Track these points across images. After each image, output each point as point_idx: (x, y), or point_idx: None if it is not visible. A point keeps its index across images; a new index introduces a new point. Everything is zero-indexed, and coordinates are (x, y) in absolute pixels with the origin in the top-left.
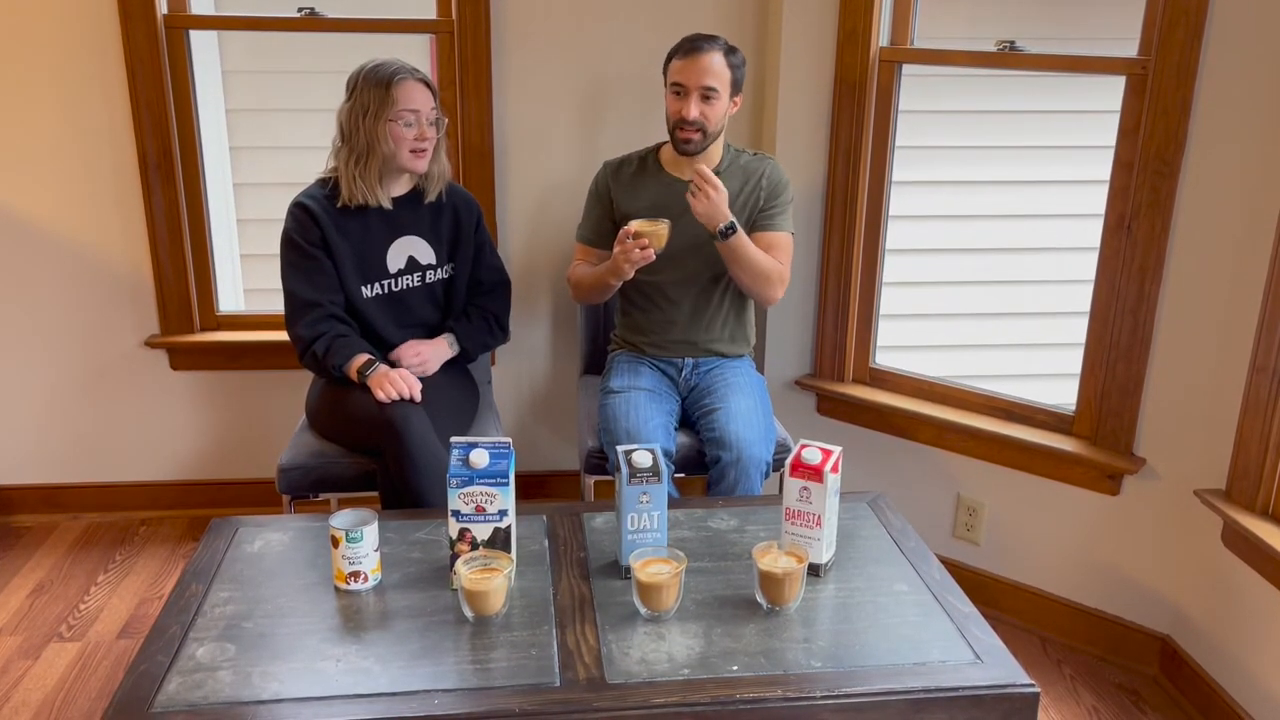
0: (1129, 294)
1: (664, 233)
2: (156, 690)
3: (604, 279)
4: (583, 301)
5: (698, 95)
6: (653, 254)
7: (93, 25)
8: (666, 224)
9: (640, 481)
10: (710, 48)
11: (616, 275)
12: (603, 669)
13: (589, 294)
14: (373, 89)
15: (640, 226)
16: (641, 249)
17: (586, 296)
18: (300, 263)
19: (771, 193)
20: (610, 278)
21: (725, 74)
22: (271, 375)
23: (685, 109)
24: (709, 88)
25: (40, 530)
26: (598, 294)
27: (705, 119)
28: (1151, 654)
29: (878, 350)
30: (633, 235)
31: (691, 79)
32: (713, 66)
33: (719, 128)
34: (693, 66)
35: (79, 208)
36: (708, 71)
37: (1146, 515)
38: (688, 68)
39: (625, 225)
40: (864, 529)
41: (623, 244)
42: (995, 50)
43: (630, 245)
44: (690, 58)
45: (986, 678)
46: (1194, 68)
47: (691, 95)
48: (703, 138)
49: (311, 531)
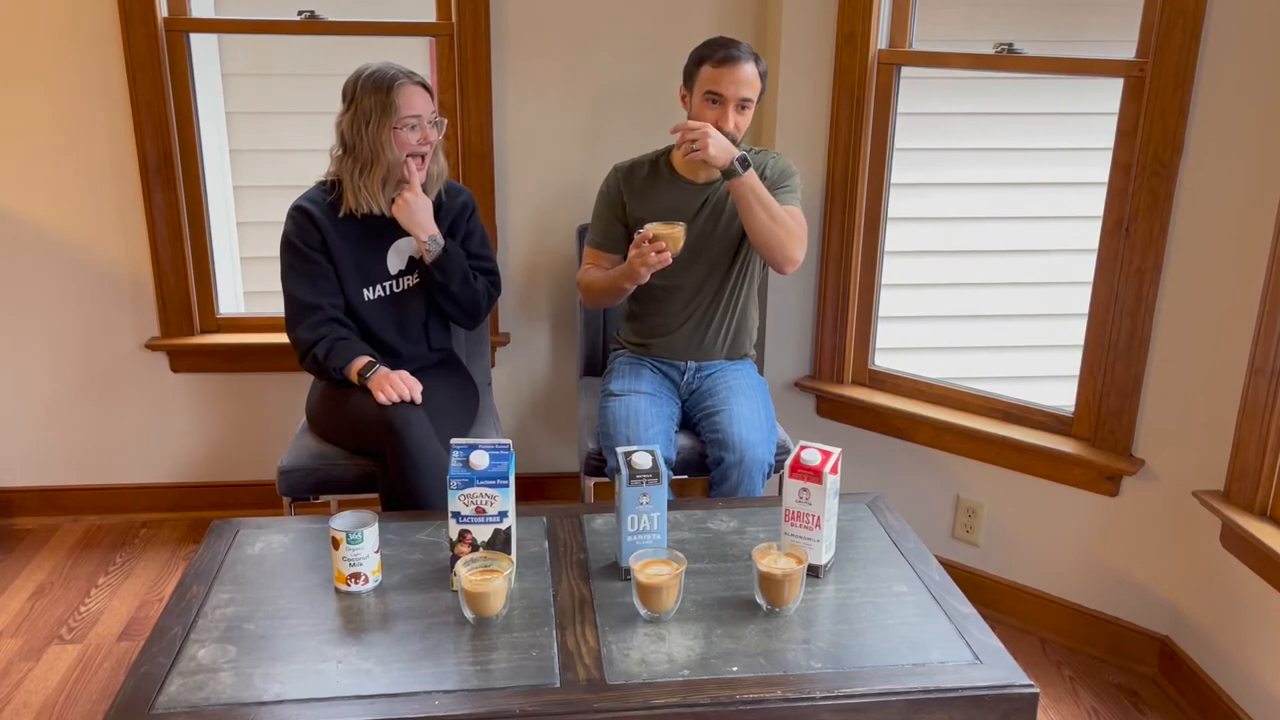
0: (1127, 295)
1: (680, 235)
2: (158, 692)
3: (618, 283)
4: (594, 305)
5: (735, 106)
6: (669, 258)
7: (93, 28)
8: (683, 226)
9: (640, 483)
10: (745, 57)
11: (632, 279)
12: (603, 670)
13: (600, 298)
14: (373, 96)
15: (657, 229)
16: (658, 252)
17: (598, 300)
18: (300, 266)
19: (779, 178)
20: (625, 282)
21: (758, 84)
22: (272, 378)
23: (722, 121)
24: (746, 99)
25: (41, 533)
26: (610, 298)
27: (738, 130)
28: (1151, 655)
29: (877, 352)
30: (650, 239)
31: (730, 90)
32: (749, 78)
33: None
34: (730, 77)
35: (79, 210)
36: (746, 83)
37: (1145, 516)
38: (725, 77)
39: (640, 229)
40: (863, 530)
41: (639, 248)
42: (993, 52)
43: (647, 249)
44: (727, 67)
45: (986, 678)
46: (1192, 70)
47: (729, 106)
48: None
49: (312, 533)
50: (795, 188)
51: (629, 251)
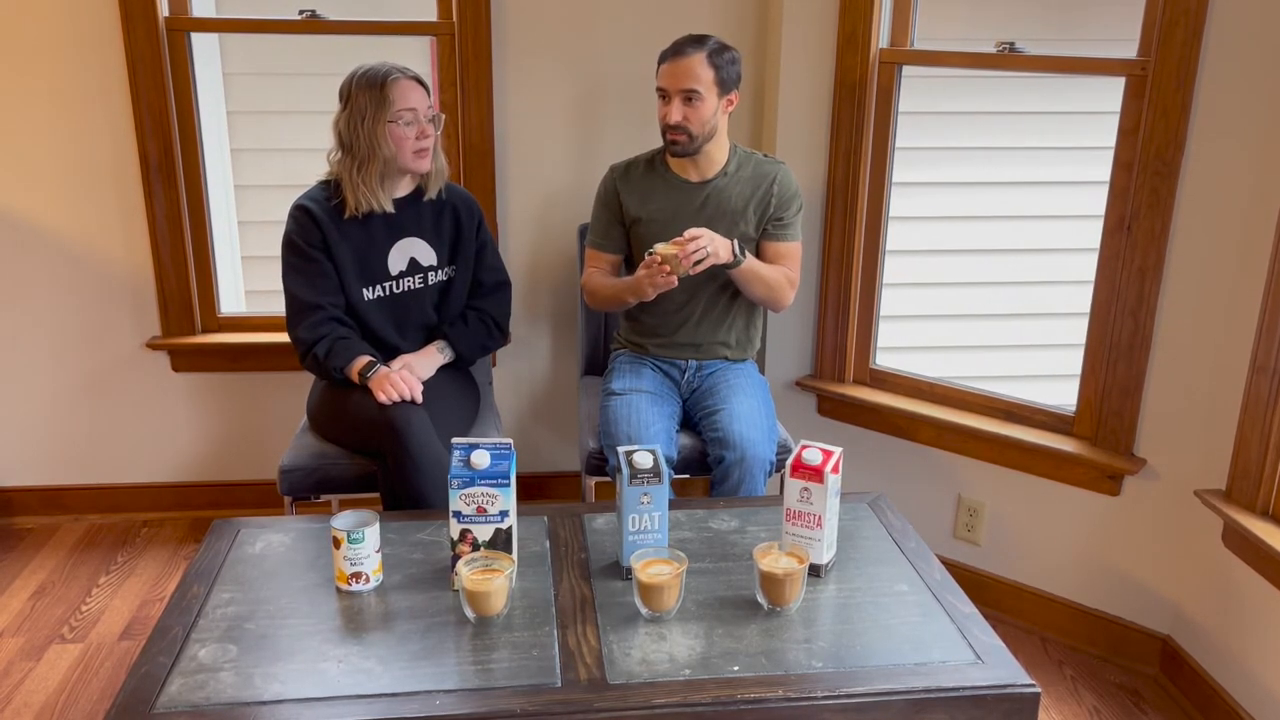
0: (1129, 294)
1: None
2: (159, 691)
3: (622, 296)
4: (598, 309)
5: (679, 99)
6: (675, 280)
7: (94, 28)
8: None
9: (641, 482)
10: (692, 51)
11: (636, 295)
12: (604, 669)
13: (604, 305)
14: (367, 92)
15: (665, 251)
16: (665, 275)
17: (602, 306)
18: (301, 265)
19: (783, 202)
20: (629, 296)
21: (707, 74)
22: (272, 377)
23: (668, 113)
24: (690, 90)
25: (42, 532)
26: (614, 306)
27: (688, 121)
28: (1152, 654)
29: (878, 351)
30: (659, 261)
31: (672, 83)
32: (693, 69)
33: (709, 129)
34: (673, 70)
35: (81, 210)
36: (687, 75)
37: (1147, 516)
38: (668, 72)
39: (649, 249)
40: (864, 529)
41: (648, 269)
42: (995, 51)
43: (655, 271)
44: (670, 62)
45: (987, 678)
46: (1193, 68)
47: (674, 99)
48: (689, 140)
49: (313, 533)
50: (798, 218)
51: (638, 271)
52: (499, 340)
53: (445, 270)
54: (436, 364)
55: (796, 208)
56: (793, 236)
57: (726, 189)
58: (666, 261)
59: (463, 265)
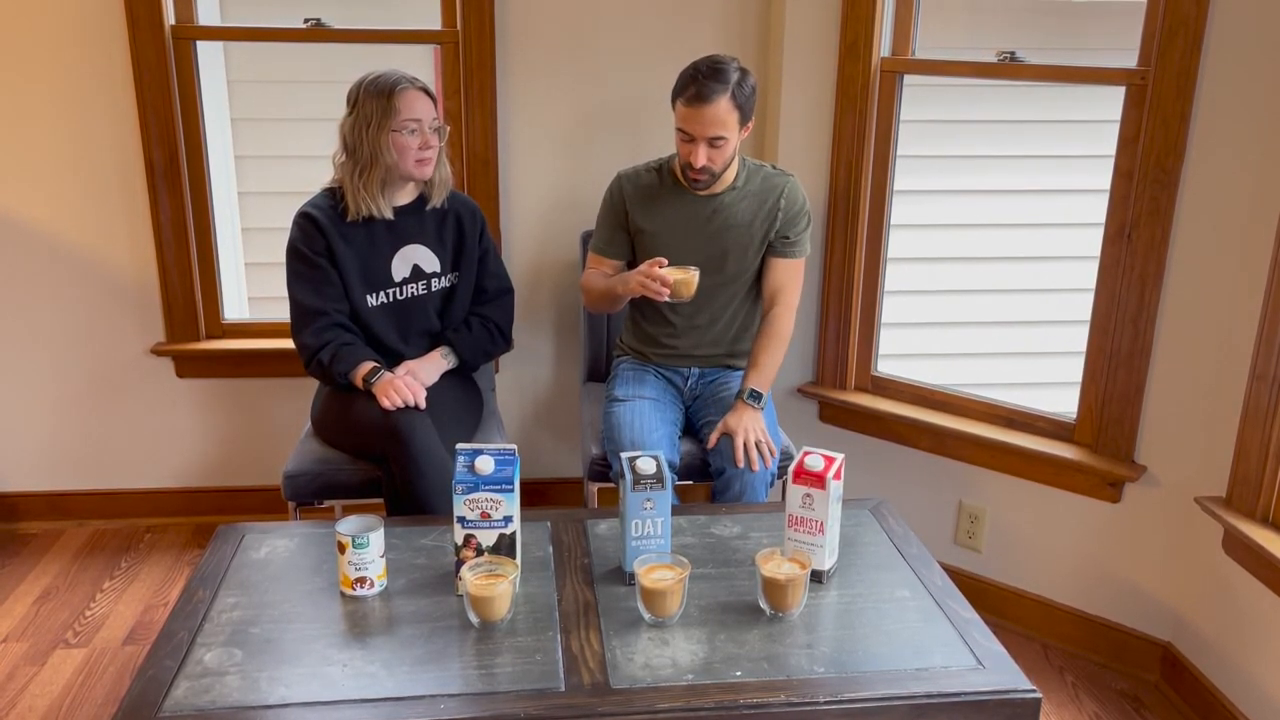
0: (1129, 302)
1: (693, 281)
2: (164, 695)
3: (613, 289)
4: (593, 309)
5: (705, 144)
6: (666, 295)
7: (100, 35)
8: (696, 272)
9: (644, 488)
10: (718, 94)
11: (624, 289)
12: (607, 674)
13: (599, 302)
14: (375, 100)
15: (671, 274)
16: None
17: (596, 304)
18: (305, 272)
19: (790, 218)
20: (619, 287)
21: (733, 117)
22: (277, 383)
23: (693, 157)
24: (717, 137)
25: (46, 537)
26: (607, 304)
27: (713, 163)
28: (1153, 660)
29: (880, 358)
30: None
31: (699, 130)
32: (719, 117)
33: (730, 162)
34: (699, 117)
35: (85, 215)
36: (714, 123)
37: (1147, 522)
38: (694, 117)
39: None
40: (866, 535)
41: (650, 274)
42: (996, 60)
43: (651, 283)
44: (695, 107)
45: (988, 683)
46: (1193, 77)
47: (699, 144)
48: (711, 179)
49: (317, 538)
50: (806, 234)
51: (640, 266)
52: (502, 346)
53: (448, 277)
54: (440, 370)
55: (804, 224)
56: (798, 253)
57: (734, 203)
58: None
59: (466, 271)
